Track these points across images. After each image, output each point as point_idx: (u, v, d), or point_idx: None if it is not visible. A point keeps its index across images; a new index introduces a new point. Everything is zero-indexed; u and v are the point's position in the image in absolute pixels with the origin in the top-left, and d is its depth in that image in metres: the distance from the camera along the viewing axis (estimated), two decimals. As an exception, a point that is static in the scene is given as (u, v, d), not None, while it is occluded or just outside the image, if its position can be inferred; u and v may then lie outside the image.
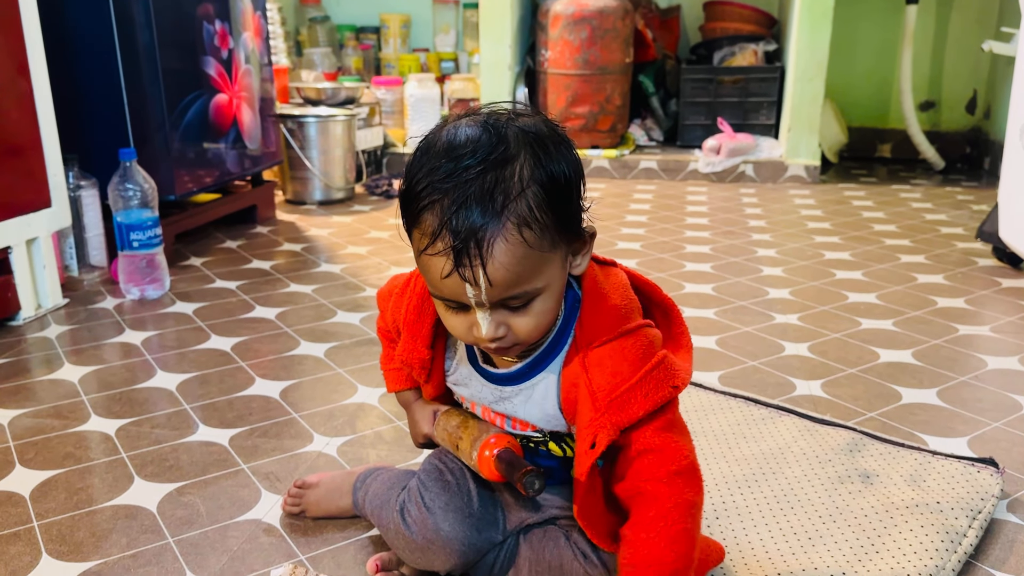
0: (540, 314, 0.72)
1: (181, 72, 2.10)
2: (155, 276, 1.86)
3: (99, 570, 0.92)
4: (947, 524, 0.95)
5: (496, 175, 0.66)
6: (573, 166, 0.71)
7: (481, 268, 0.66)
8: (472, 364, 0.82)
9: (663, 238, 2.38)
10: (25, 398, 1.35)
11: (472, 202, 0.65)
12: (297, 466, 1.13)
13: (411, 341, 0.83)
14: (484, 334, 0.70)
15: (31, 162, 1.71)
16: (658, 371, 0.73)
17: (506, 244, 0.66)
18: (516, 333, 0.72)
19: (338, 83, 3.29)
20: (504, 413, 0.82)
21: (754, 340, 1.58)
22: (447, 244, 0.66)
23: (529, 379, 0.78)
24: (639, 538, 0.72)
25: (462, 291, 0.68)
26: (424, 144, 0.71)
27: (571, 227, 0.71)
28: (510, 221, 0.66)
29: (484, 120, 0.70)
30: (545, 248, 0.69)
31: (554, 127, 0.72)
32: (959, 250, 2.24)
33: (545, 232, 0.68)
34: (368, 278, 2.01)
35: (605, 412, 0.72)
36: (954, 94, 3.69)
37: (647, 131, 3.69)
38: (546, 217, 0.68)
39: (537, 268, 0.69)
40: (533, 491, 0.73)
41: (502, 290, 0.68)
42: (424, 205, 0.67)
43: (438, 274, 0.68)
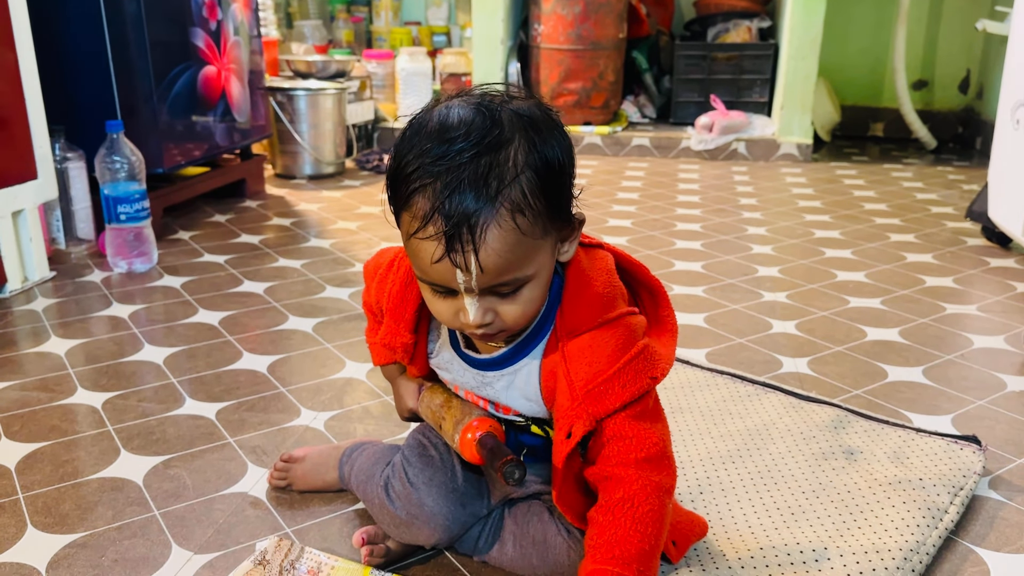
0: (528, 301, 0.71)
1: (169, 43, 2.07)
2: (143, 249, 1.85)
3: (84, 541, 0.92)
4: (929, 500, 0.96)
5: (490, 159, 0.65)
6: (566, 151, 0.70)
7: (473, 254, 0.65)
8: (454, 349, 0.82)
9: (654, 215, 2.38)
10: (11, 371, 1.35)
11: (465, 186, 0.64)
12: (284, 440, 1.13)
13: (394, 326, 0.83)
14: (471, 320, 0.70)
15: (16, 133, 1.69)
16: (637, 361, 0.73)
17: (499, 230, 0.65)
18: (503, 319, 0.71)
19: (329, 56, 3.27)
20: (487, 398, 0.82)
21: (742, 318, 1.59)
22: (439, 229, 0.65)
23: (511, 365, 0.78)
24: (605, 520, 0.72)
25: (452, 277, 0.67)
26: (415, 124, 0.69)
27: (562, 214, 0.71)
28: (504, 207, 0.65)
29: (478, 102, 0.68)
30: (537, 235, 0.68)
31: (547, 111, 0.71)
32: (949, 229, 2.25)
33: (538, 218, 0.67)
34: (357, 253, 2.00)
35: (582, 402, 0.72)
36: (947, 73, 3.68)
37: (640, 108, 3.67)
38: (539, 203, 0.67)
39: (528, 255, 0.68)
40: (513, 481, 0.72)
41: (493, 276, 0.67)
42: (415, 188, 0.66)
43: (428, 259, 0.67)
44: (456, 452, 0.83)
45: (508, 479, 0.72)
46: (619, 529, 0.71)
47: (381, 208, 2.41)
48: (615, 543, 0.70)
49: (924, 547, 0.88)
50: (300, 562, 0.87)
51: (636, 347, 0.73)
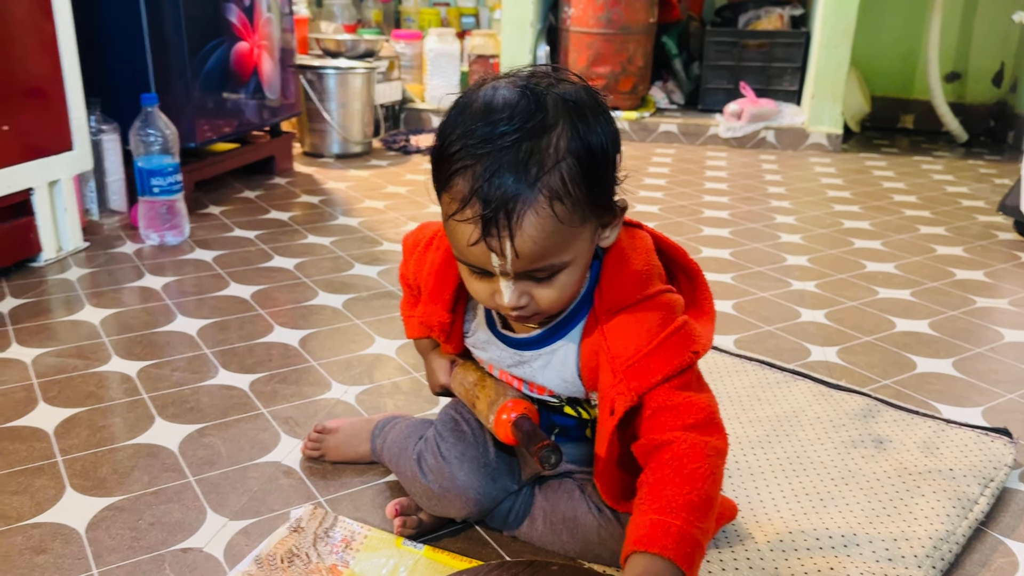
0: (564, 287, 0.71)
1: (203, 19, 2.08)
2: (175, 223, 1.87)
3: (122, 505, 0.94)
4: (959, 491, 0.96)
5: (532, 144, 0.65)
6: (611, 138, 0.69)
7: (509, 239, 0.65)
8: (491, 328, 0.82)
9: (681, 202, 2.37)
10: (47, 337, 1.37)
11: (505, 171, 0.64)
12: (316, 412, 1.15)
13: (432, 304, 0.83)
14: (506, 302, 0.70)
15: (54, 105, 1.71)
16: (677, 336, 0.72)
17: (536, 217, 0.65)
18: (538, 303, 0.71)
19: (358, 35, 3.27)
20: (522, 377, 0.82)
21: (771, 305, 1.58)
22: (476, 212, 0.65)
23: (548, 345, 0.78)
24: (653, 479, 0.70)
25: (487, 260, 0.67)
26: (461, 103, 0.69)
27: (603, 201, 0.70)
28: (542, 194, 0.65)
29: (524, 84, 0.68)
30: (575, 223, 0.67)
31: (595, 95, 0.70)
32: (980, 223, 2.23)
33: (576, 207, 0.67)
34: (385, 232, 2.01)
35: (623, 378, 0.72)
36: (981, 66, 3.63)
37: (668, 94, 3.65)
38: (579, 191, 0.66)
39: (565, 243, 0.68)
40: (549, 465, 0.73)
41: (528, 263, 0.67)
42: (456, 169, 0.66)
43: (465, 240, 0.67)
44: (490, 431, 0.84)
45: (544, 464, 0.73)
46: (668, 485, 0.68)
47: (408, 188, 2.43)
48: (664, 495, 0.68)
49: (953, 536, 0.89)
50: (334, 530, 0.88)
51: (676, 322, 0.73)
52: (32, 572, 0.83)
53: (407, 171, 2.71)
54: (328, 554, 0.86)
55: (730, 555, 0.86)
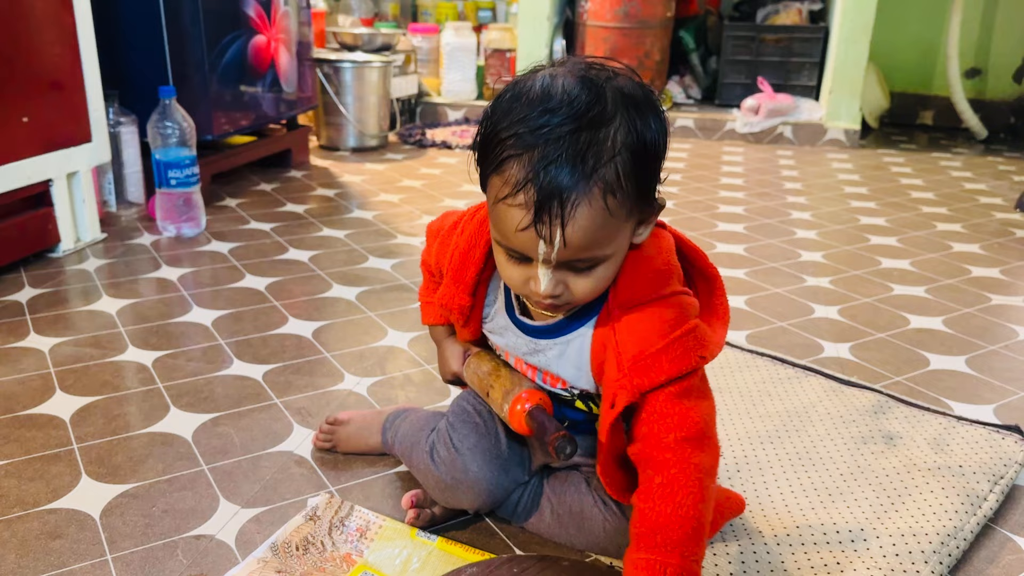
0: (601, 279, 0.71)
1: (221, 12, 2.10)
2: (191, 215, 1.89)
3: (136, 492, 0.95)
4: (968, 487, 0.96)
5: (590, 136, 0.65)
6: (662, 135, 0.69)
7: (560, 228, 0.65)
8: (509, 315, 0.83)
9: (697, 197, 2.37)
10: (65, 327, 1.39)
11: (563, 161, 0.64)
12: (328, 403, 1.16)
13: (453, 287, 0.84)
14: (543, 290, 0.70)
15: (73, 96, 1.73)
16: (687, 339, 0.72)
17: (589, 208, 0.65)
18: (573, 293, 0.71)
19: (375, 29, 3.28)
20: (536, 366, 0.82)
21: (784, 301, 1.58)
22: (531, 198, 0.65)
23: (565, 334, 0.78)
24: (646, 506, 0.71)
25: (533, 246, 0.67)
26: (515, 89, 0.69)
27: (648, 197, 0.70)
28: (597, 186, 0.65)
29: (583, 74, 0.67)
30: (622, 217, 0.68)
31: (648, 91, 0.70)
32: (997, 220, 2.21)
33: (626, 200, 0.67)
34: (400, 226, 2.02)
35: (627, 374, 0.72)
36: (1002, 62, 3.60)
37: (685, 88, 3.64)
38: (630, 185, 0.67)
39: (611, 236, 0.68)
40: (564, 456, 0.73)
41: (574, 252, 0.67)
42: (511, 154, 0.66)
43: (513, 225, 0.67)
44: (503, 421, 0.85)
45: (559, 454, 0.73)
46: (660, 516, 0.70)
47: (423, 182, 2.43)
48: (657, 530, 0.69)
49: (962, 533, 0.88)
50: (349, 520, 0.89)
51: (688, 325, 0.73)
52: (47, 556, 0.84)
53: (422, 165, 2.72)
54: (343, 543, 0.87)
55: (736, 549, 0.86)
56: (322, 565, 0.84)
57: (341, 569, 0.83)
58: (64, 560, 0.84)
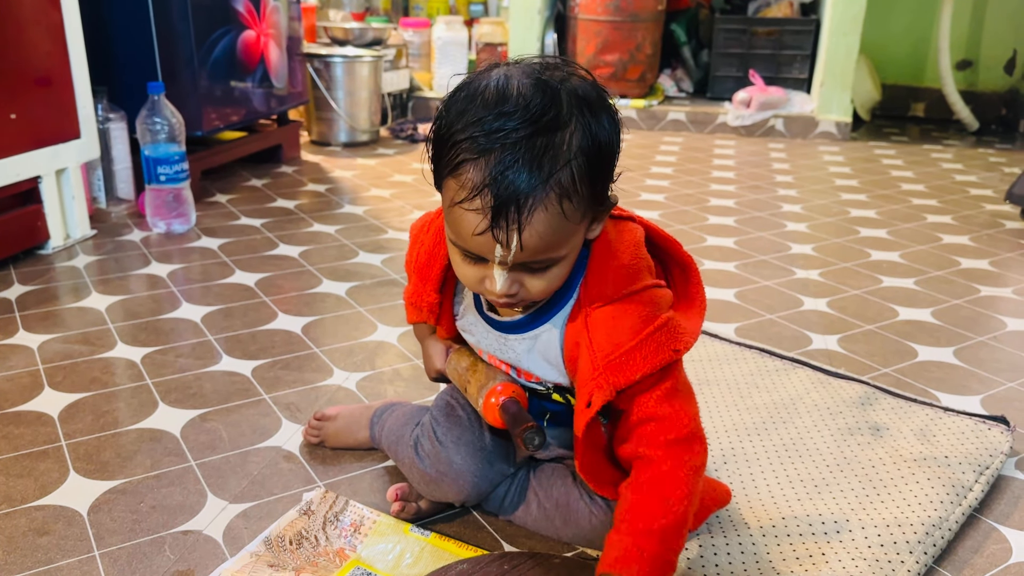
0: (555, 278, 0.71)
1: (210, 7, 2.09)
2: (181, 211, 1.89)
3: (124, 488, 0.95)
4: (954, 478, 0.96)
5: (546, 141, 0.65)
6: (615, 135, 0.70)
7: (517, 233, 0.65)
8: (478, 311, 0.83)
9: (687, 191, 2.37)
10: (54, 324, 1.39)
11: (520, 166, 0.64)
12: (317, 398, 1.16)
13: (421, 284, 0.84)
14: (498, 290, 0.70)
15: (61, 93, 1.72)
16: (660, 334, 0.72)
17: (545, 213, 0.65)
18: (528, 291, 0.71)
19: (366, 23, 3.27)
20: (509, 362, 0.82)
21: (773, 294, 1.58)
22: (487, 203, 0.65)
23: (531, 329, 0.79)
24: (634, 497, 0.72)
25: (489, 249, 0.67)
26: (469, 90, 0.68)
27: (602, 198, 0.71)
28: (553, 191, 0.65)
29: (538, 76, 0.67)
30: (577, 220, 0.68)
31: (601, 91, 0.70)
32: (987, 212, 2.22)
33: (581, 203, 0.67)
34: (390, 220, 2.02)
35: (602, 373, 0.71)
36: (993, 54, 3.60)
37: (677, 82, 3.64)
38: (585, 189, 0.67)
39: (567, 238, 0.69)
40: (532, 447, 0.74)
41: (530, 255, 0.67)
42: (467, 158, 0.65)
43: (470, 229, 0.66)
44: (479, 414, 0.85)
45: (528, 445, 0.74)
46: (646, 506, 0.70)
47: (414, 177, 2.43)
48: (641, 518, 0.70)
49: (947, 523, 0.89)
50: (344, 515, 0.90)
51: (659, 319, 0.73)
52: (35, 553, 0.84)
53: (414, 160, 2.72)
54: (337, 538, 0.87)
55: (722, 540, 0.86)
56: (315, 560, 0.84)
57: (334, 564, 0.84)
58: (51, 556, 0.84)
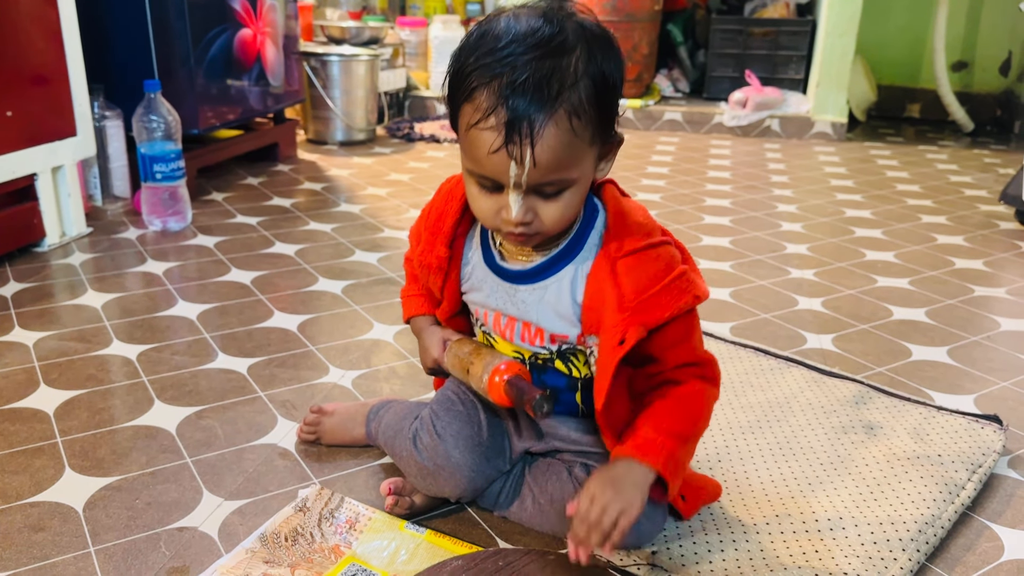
0: (567, 206, 0.75)
1: (207, 5, 2.09)
2: (177, 209, 1.89)
3: (119, 485, 0.95)
4: (947, 476, 0.97)
5: (553, 63, 0.69)
6: (620, 70, 0.74)
7: (530, 147, 0.69)
8: (488, 264, 0.85)
9: (683, 190, 2.37)
10: (49, 321, 1.39)
11: (529, 85, 0.68)
12: (313, 396, 1.16)
13: (431, 239, 0.87)
14: (513, 216, 0.73)
15: (57, 91, 1.72)
16: (680, 281, 0.78)
17: (556, 129, 0.69)
18: (542, 220, 0.74)
19: (362, 22, 3.27)
20: (515, 316, 0.84)
21: (768, 293, 1.59)
22: (500, 120, 0.69)
23: (543, 279, 0.81)
24: (660, 404, 0.79)
25: (504, 169, 0.70)
26: (480, 29, 0.73)
27: (609, 128, 0.75)
28: (563, 107, 0.69)
29: (544, 12, 0.72)
30: (586, 141, 0.72)
31: (608, 32, 0.75)
32: (982, 212, 2.22)
33: (588, 125, 0.71)
34: (387, 219, 2.02)
35: (633, 313, 0.76)
36: (988, 55, 3.61)
37: (673, 82, 3.65)
38: (592, 112, 0.71)
39: (577, 158, 0.72)
40: (542, 413, 0.76)
41: (543, 173, 0.71)
42: (480, 82, 0.70)
43: (485, 149, 0.70)
44: (484, 400, 0.85)
45: (537, 411, 0.76)
46: (673, 412, 0.79)
47: (411, 176, 2.43)
48: (666, 419, 0.78)
49: (939, 521, 0.89)
50: (339, 512, 0.90)
51: (678, 270, 0.78)
52: (30, 549, 0.84)
53: (410, 159, 2.72)
54: (332, 534, 0.87)
55: (716, 537, 0.87)
56: (310, 556, 0.84)
57: (329, 560, 0.84)
58: (46, 552, 0.84)
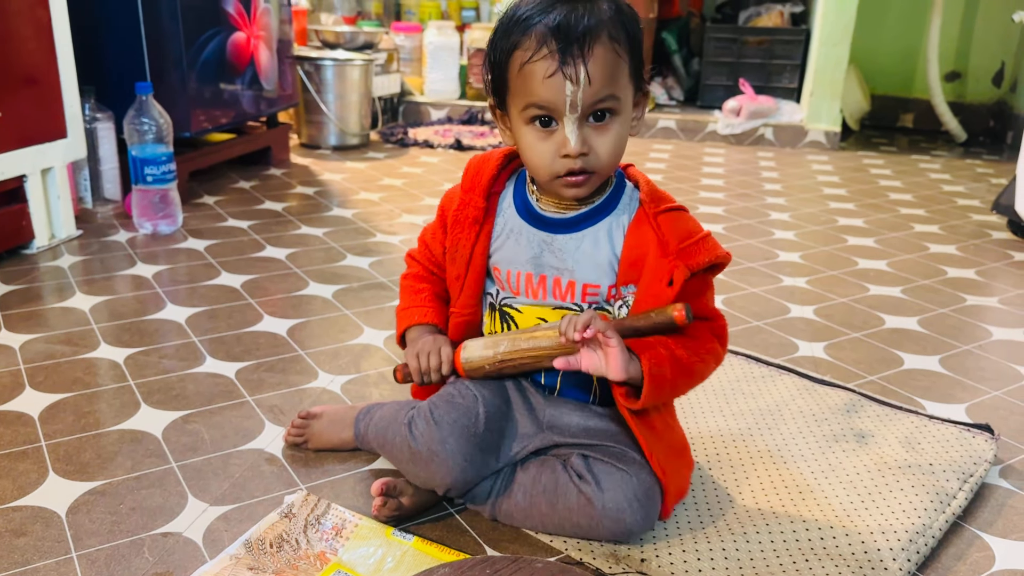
0: (618, 137, 0.83)
1: (200, 8, 2.09)
2: (168, 212, 1.88)
3: (104, 489, 0.94)
4: (938, 485, 0.96)
5: (587, 7, 0.79)
6: (641, 31, 0.84)
7: (583, 64, 0.78)
8: (524, 215, 0.90)
9: (677, 197, 2.35)
10: (37, 324, 1.38)
11: (572, 17, 0.78)
12: (301, 400, 1.15)
13: (469, 194, 0.92)
14: (573, 145, 0.80)
15: (48, 92, 1.71)
16: (710, 237, 0.86)
17: (602, 47, 0.79)
18: (597, 154, 0.82)
19: (357, 27, 3.27)
20: (547, 270, 0.89)
21: (760, 301, 1.59)
22: (552, 48, 0.78)
23: (580, 229, 0.88)
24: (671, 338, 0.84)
25: (559, 94, 0.79)
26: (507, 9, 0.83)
27: (640, 71, 0.84)
28: (604, 32, 0.79)
29: None
30: (626, 69, 0.81)
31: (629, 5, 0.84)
32: (974, 222, 2.23)
33: (625, 53, 0.81)
34: (379, 224, 2.02)
35: (678, 256, 0.83)
36: (981, 66, 3.63)
37: (668, 90, 3.65)
38: (628, 44, 0.81)
39: (621, 80, 0.81)
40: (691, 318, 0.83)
41: (596, 90, 0.79)
42: (528, 28, 0.79)
43: (541, 76, 0.78)
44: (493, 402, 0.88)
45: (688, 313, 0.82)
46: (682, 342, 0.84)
47: (404, 181, 2.43)
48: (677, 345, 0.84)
49: (930, 530, 0.89)
50: (325, 518, 0.89)
51: (707, 231, 0.87)
52: (11, 554, 0.83)
53: (404, 164, 2.72)
54: (318, 541, 0.86)
55: (706, 546, 0.86)
56: (295, 563, 0.83)
57: (315, 567, 0.83)
58: (28, 558, 0.83)
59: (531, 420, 0.91)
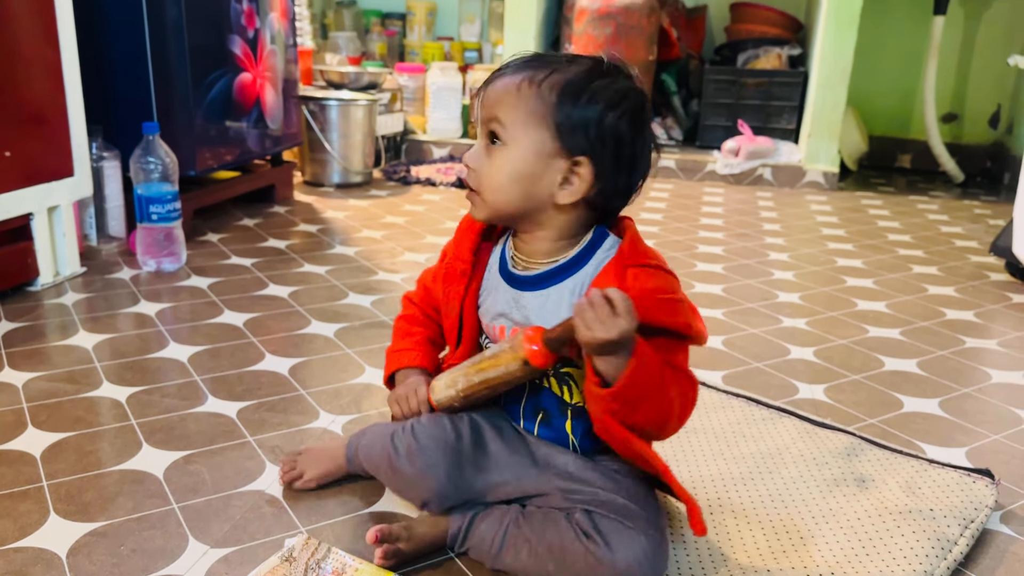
0: (502, 166, 0.85)
1: (207, 49, 2.12)
2: (172, 249, 1.89)
3: (104, 531, 0.94)
4: (939, 531, 0.96)
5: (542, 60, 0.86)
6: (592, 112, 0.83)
7: (485, 88, 0.87)
8: (500, 271, 0.93)
9: (676, 237, 2.39)
10: (40, 362, 1.38)
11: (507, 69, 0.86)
12: (302, 441, 1.15)
13: (459, 247, 0.96)
14: (467, 153, 0.88)
15: (56, 131, 1.73)
16: (680, 305, 0.82)
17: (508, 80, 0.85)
18: (479, 172, 0.87)
19: (361, 68, 3.31)
20: (519, 323, 0.90)
21: (760, 342, 1.59)
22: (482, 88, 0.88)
23: (545, 287, 0.89)
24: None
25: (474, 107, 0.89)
26: None
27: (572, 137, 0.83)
28: (522, 73, 0.85)
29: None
30: (530, 111, 0.83)
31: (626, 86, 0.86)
32: (972, 263, 2.24)
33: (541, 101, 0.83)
34: (381, 262, 2.03)
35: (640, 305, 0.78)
36: (977, 107, 3.67)
37: (667, 130, 3.69)
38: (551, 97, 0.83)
39: (517, 117, 0.84)
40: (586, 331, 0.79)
41: (488, 107, 0.86)
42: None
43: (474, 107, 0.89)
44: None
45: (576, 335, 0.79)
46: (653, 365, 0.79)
47: (406, 219, 2.45)
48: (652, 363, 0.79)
49: (932, 577, 0.89)
50: (326, 562, 0.89)
51: (680, 295, 0.84)
52: (11, 596, 0.83)
53: (406, 201, 2.74)
54: (315, 585, 0.86)
55: (707, 592, 0.86)
56: (292, 607, 0.83)
57: (311, 611, 0.83)
58: (28, 600, 0.83)
59: (525, 453, 0.93)
